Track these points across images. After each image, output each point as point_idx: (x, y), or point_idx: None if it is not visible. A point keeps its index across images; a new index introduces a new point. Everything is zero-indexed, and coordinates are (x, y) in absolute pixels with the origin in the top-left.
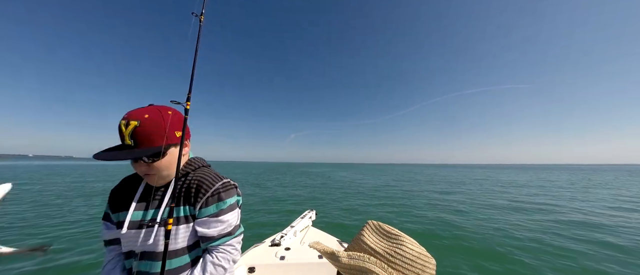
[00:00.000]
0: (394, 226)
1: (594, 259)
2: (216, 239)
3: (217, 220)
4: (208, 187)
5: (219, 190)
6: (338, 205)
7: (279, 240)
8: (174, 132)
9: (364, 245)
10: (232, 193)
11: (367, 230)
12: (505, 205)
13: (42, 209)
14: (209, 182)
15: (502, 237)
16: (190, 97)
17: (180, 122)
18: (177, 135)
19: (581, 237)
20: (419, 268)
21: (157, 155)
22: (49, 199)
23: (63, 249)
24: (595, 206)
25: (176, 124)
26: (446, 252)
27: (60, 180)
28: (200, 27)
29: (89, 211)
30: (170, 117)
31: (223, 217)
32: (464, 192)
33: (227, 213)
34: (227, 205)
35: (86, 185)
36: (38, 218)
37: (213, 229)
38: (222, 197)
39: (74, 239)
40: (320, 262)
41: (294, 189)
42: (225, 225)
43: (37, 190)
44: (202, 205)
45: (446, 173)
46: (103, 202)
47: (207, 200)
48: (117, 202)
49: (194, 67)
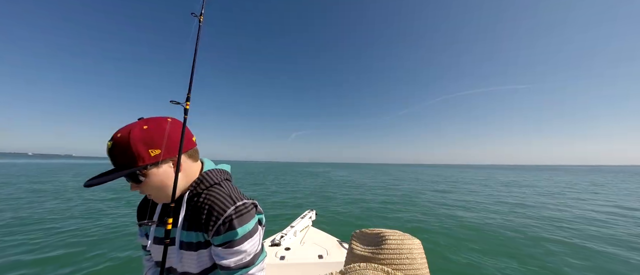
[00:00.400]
0: (392, 224)
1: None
2: (234, 270)
3: (231, 251)
4: (219, 213)
5: (231, 217)
6: (338, 204)
7: (279, 240)
8: (147, 152)
9: (356, 256)
10: (247, 218)
11: (354, 240)
12: (512, 203)
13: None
14: (220, 208)
15: (498, 230)
16: (190, 97)
17: (163, 136)
18: (151, 155)
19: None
20: (407, 253)
21: (136, 178)
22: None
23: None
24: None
25: (154, 140)
26: (452, 246)
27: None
28: (199, 27)
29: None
30: (141, 134)
31: (239, 247)
32: (462, 191)
33: (243, 242)
34: (241, 235)
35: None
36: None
37: (229, 259)
38: (234, 226)
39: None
40: (320, 262)
41: (294, 188)
42: (242, 255)
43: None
44: (213, 234)
45: (449, 173)
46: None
47: (218, 229)
48: (141, 215)
49: (193, 67)
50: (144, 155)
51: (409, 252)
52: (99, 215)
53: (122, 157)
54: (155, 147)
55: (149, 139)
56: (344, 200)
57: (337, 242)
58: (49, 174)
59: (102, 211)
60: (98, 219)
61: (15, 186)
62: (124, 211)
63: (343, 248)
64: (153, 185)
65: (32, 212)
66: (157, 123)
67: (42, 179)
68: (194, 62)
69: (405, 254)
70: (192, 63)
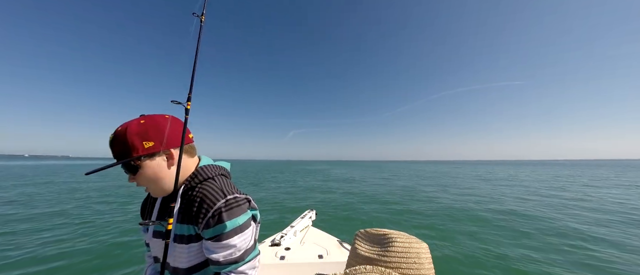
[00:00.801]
0: (392, 223)
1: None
2: (223, 265)
3: (220, 245)
4: (209, 206)
5: (220, 210)
6: (338, 204)
7: (279, 240)
8: (142, 143)
9: (360, 257)
10: (237, 212)
11: (358, 240)
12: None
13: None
14: (210, 200)
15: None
16: (190, 96)
17: (158, 130)
18: (145, 147)
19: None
20: (414, 257)
21: (131, 168)
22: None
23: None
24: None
25: (149, 134)
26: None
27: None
28: (201, 27)
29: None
30: (137, 128)
31: (227, 241)
32: (458, 185)
33: (232, 237)
34: (230, 229)
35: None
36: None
37: (218, 253)
38: (223, 219)
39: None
40: (320, 262)
41: (293, 187)
42: (232, 250)
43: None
44: (203, 227)
45: (446, 169)
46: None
47: (207, 222)
48: (144, 211)
49: (194, 67)
50: (139, 146)
51: (416, 256)
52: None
53: (119, 147)
54: (149, 139)
55: (144, 132)
56: (343, 200)
57: (337, 242)
58: (51, 174)
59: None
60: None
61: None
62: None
63: (343, 248)
64: (147, 177)
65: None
66: (154, 119)
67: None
68: (195, 62)
69: (412, 258)
70: (193, 63)
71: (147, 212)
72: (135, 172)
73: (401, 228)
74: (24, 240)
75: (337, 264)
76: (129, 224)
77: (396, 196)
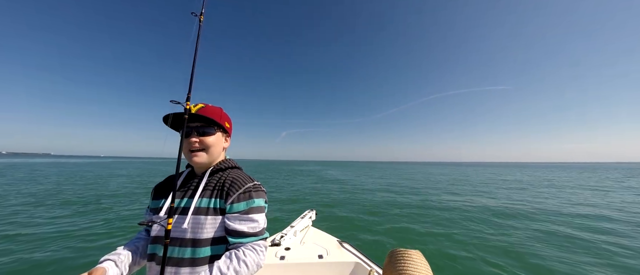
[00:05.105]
0: (392, 223)
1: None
2: (246, 235)
3: (247, 217)
4: (240, 184)
5: (250, 189)
6: (338, 204)
7: (279, 240)
8: (225, 122)
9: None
10: (261, 195)
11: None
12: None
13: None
14: (241, 181)
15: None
16: (190, 96)
17: (230, 121)
18: (226, 125)
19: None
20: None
21: (212, 131)
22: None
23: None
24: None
25: (228, 118)
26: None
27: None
28: (200, 27)
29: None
30: (221, 110)
31: (253, 215)
32: (444, 186)
33: (257, 213)
34: (257, 204)
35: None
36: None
37: (244, 225)
38: (252, 196)
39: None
40: (320, 262)
41: (290, 187)
42: (255, 224)
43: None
44: (233, 201)
45: (432, 169)
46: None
47: (238, 196)
48: (159, 193)
49: (193, 66)
50: (224, 121)
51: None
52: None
53: (213, 114)
54: (228, 122)
55: (226, 116)
56: (343, 199)
57: (337, 241)
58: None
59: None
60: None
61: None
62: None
63: (343, 248)
64: (213, 143)
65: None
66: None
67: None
68: (194, 62)
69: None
70: (193, 63)
71: (162, 193)
72: (212, 135)
73: (401, 228)
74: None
75: (337, 263)
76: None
77: (395, 195)
